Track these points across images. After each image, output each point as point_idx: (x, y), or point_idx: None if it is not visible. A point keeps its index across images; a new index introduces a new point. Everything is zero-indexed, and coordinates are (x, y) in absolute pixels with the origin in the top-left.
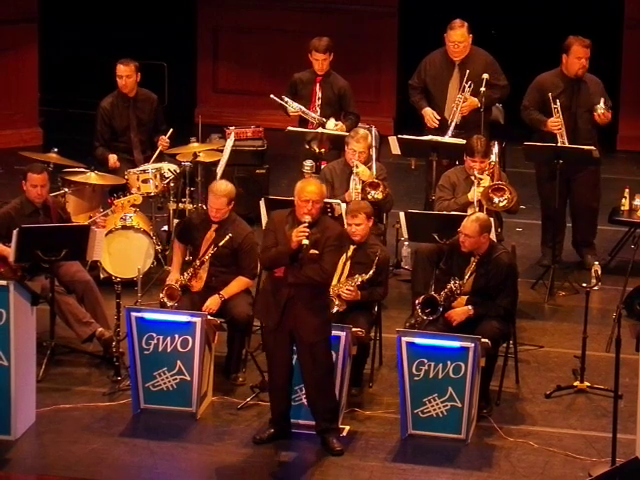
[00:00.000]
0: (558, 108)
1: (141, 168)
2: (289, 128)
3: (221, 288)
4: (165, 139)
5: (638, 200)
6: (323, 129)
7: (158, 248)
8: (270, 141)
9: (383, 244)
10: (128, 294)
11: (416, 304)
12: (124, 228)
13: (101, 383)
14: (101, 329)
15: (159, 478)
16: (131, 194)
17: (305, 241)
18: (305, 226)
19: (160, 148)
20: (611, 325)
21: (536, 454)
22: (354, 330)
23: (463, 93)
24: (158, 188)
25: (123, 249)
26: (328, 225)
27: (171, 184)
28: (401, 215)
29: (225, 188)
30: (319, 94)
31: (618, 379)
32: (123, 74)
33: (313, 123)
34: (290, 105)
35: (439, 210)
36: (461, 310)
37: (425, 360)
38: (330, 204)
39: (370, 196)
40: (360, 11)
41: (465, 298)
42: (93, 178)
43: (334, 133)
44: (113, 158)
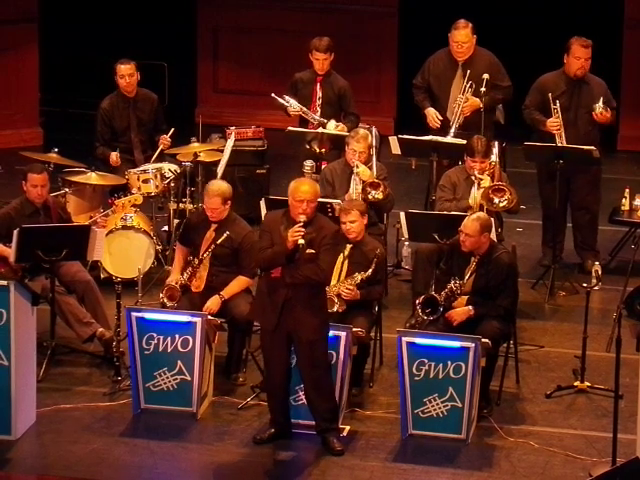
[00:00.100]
0: (558, 108)
1: (141, 168)
2: (289, 128)
3: (221, 288)
4: (166, 138)
5: (638, 200)
6: (323, 129)
7: (158, 248)
8: (270, 141)
9: (383, 244)
10: (128, 294)
11: (416, 304)
12: (124, 228)
13: (101, 383)
14: (101, 329)
15: (159, 478)
16: (131, 194)
17: (301, 241)
18: (300, 226)
19: (161, 147)
20: (611, 325)
21: (536, 454)
22: (354, 330)
23: (465, 93)
24: (159, 188)
25: (124, 249)
26: (323, 224)
27: (171, 184)
28: (401, 215)
29: (218, 188)
30: (319, 94)
31: (618, 379)
32: (125, 73)
33: (314, 123)
34: (291, 105)
35: (440, 210)
36: (461, 310)
37: (425, 360)
38: (330, 204)
39: (370, 196)
40: (360, 11)
41: (465, 298)
42: (93, 178)
43: (334, 133)
44: (115, 155)
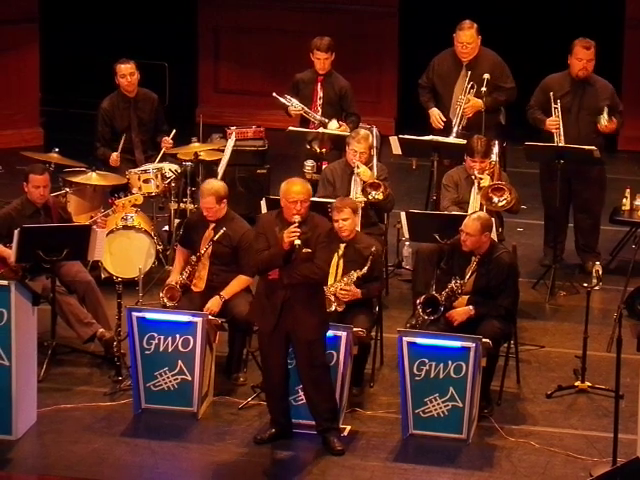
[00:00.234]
0: (558, 108)
1: (142, 168)
2: (290, 128)
3: (222, 288)
4: (168, 140)
5: (639, 200)
6: (324, 129)
7: (159, 248)
8: (271, 141)
9: (384, 244)
10: (129, 294)
11: (417, 304)
12: (125, 228)
13: (102, 383)
14: (102, 330)
15: (160, 478)
16: (132, 194)
17: (297, 241)
18: (296, 226)
19: (163, 150)
20: (612, 325)
21: (537, 454)
22: (355, 330)
23: (466, 94)
24: (159, 188)
25: (124, 249)
26: (317, 222)
27: (172, 184)
28: (402, 215)
29: (212, 187)
30: (320, 94)
31: (619, 379)
32: (126, 72)
33: (315, 123)
34: (293, 104)
35: (443, 208)
36: (462, 310)
37: (426, 360)
38: (330, 204)
39: (371, 196)
40: (360, 11)
41: (466, 298)
42: (94, 178)
43: (335, 133)
44: (115, 155)
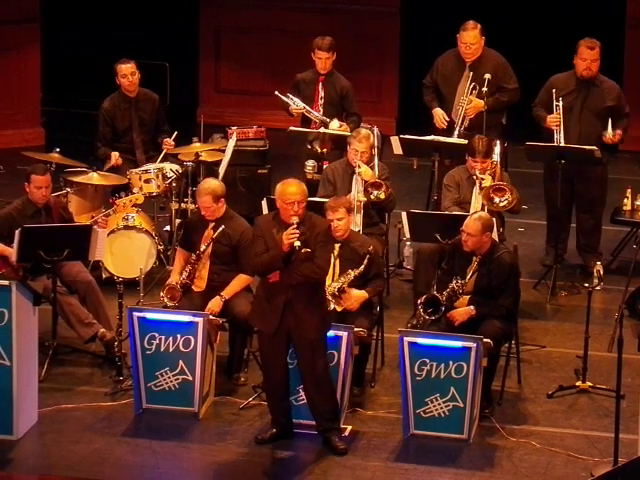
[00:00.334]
0: (560, 105)
1: (143, 168)
2: (291, 128)
3: (222, 287)
4: (170, 141)
5: None
6: (325, 129)
7: (160, 248)
8: (272, 141)
9: (385, 244)
10: (130, 294)
11: (418, 304)
12: (126, 228)
13: (103, 383)
14: (103, 330)
15: (161, 478)
16: (133, 194)
17: (297, 243)
18: (294, 228)
19: (165, 151)
20: (613, 325)
21: (538, 454)
22: (356, 330)
23: (468, 95)
24: (160, 188)
25: (125, 249)
26: (315, 222)
27: (173, 184)
28: (403, 215)
29: (208, 186)
30: (322, 93)
31: (620, 379)
32: (127, 72)
33: (316, 123)
34: (295, 103)
35: (444, 208)
36: (463, 310)
37: (427, 360)
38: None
39: (373, 196)
40: (361, 11)
41: (467, 298)
42: (95, 178)
43: (336, 133)
44: (115, 155)
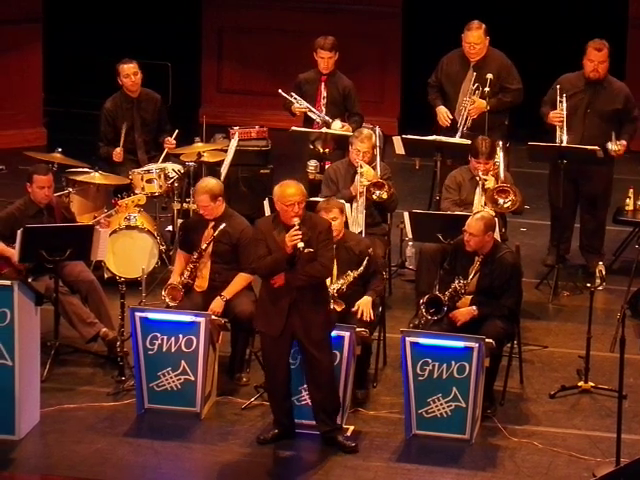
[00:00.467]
0: (563, 102)
1: (145, 168)
2: (293, 128)
3: (224, 287)
4: (171, 140)
5: None
6: (327, 129)
7: (162, 248)
8: (274, 141)
9: (387, 244)
10: (132, 294)
11: (420, 304)
12: (128, 228)
13: (105, 383)
14: (105, 329)
15: (163, 478)
16: (135, 194)
17: (300, 244)
18: (296, 229)
19: (166, 150)
20: (615, 325)
21: (540, 454)
22: (358, 330)
23: (471, 95)
24: (162, 188)
25: (127, 249)
26: (315, 221)
27: (175, 184)
28: (405, 215)
29: (205, 185)
30: (324, 93)
31: (622, 379)
32: (130, 72)
33: (318, 123)
34: (298, 102)
35: (443, 209)
36: (465, 310)
37: (429, 360)
38: None
39: (375, 196)
40: (363, 11)
41: (469, 298)
42: (97, 178)
43: (338, 133)
44: (118, 149)
